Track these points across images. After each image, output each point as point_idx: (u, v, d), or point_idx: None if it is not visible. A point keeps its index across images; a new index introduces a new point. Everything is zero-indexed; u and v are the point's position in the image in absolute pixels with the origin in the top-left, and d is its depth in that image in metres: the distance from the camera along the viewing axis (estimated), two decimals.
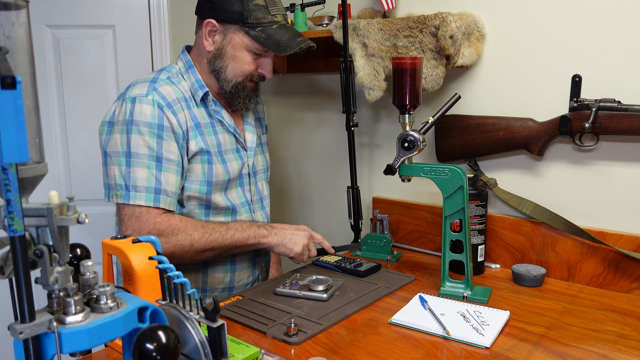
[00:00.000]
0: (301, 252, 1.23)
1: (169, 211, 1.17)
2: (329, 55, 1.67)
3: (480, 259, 1.29)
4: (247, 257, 1.33)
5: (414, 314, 1.02)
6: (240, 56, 1.21)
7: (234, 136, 1.30)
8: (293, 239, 1.22)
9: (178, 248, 1.13)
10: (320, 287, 1.12)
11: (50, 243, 0.55)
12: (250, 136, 1.35)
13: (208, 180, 1.22)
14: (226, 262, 1.28)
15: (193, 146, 1.20)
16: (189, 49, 1.30)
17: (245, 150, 1.33)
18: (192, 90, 1.24)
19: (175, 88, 1.21)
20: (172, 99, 1.18)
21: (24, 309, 0.50)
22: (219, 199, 1.25)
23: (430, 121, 1.21)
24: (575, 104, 1.19)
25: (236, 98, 1.26)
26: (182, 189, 1.21)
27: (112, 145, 1.14)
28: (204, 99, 1.25)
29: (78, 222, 0.54)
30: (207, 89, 1.24)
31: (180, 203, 1.22)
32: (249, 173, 1.34)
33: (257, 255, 1.36)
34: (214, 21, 1.19)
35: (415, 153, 1.14)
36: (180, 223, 1.15)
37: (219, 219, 1.27)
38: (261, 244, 1.21)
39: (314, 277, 1.18)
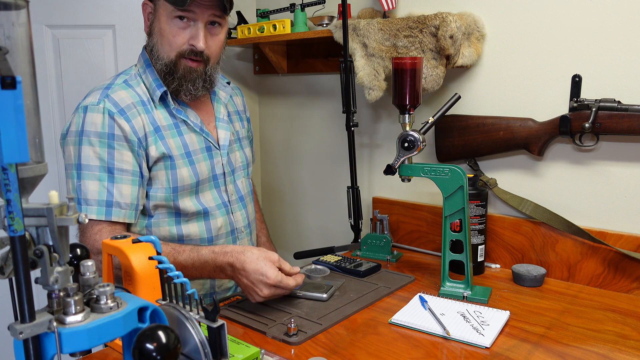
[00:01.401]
0: (261, 301, 1.05)
1: (126, 224, 1.13)
2: (329, 55, 1.68)
3: (480, 259, 1.29)
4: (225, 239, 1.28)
5: (414, 314, 1.02)
6: (166, 27, 1.13)
7: (202, 136, 1.23)
8: (250, 290, 1.04)
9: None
10: (319, 278, 1.12)
11: (50, 243, 0.55)
12: (223, 133, 1.28)
13: (173, 186, 1.16)
14: (202, 241, 1.24)
15: (154, 152, 1.14)
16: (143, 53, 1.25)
17: (218, 149, 1.26)
18: (150, 92, 1.18)
19: (132, 92, 1.15)
20: (126, 104, 1.13)
21: (24, 309, 0.50)
22: (188, 204, 1.19)
23: (430, 121, 1.20)
24: (575, 104, 1.19)
25: (172, 79, 1.16)
26: (147, 197, 1.16)
27: (66, 158, 1.12)
28: (163, 99, 1.18)
29: (78, 222, 0.54)
30: (165, 88, 1.17)
31: (148, 212, 1.17)
32: (224, 172, 1.27)
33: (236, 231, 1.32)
34: (147, 1, 1.17)
35: (415, 153, 1.14)
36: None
37: (192, 225, 1.21)
38: (216, 277, 1.10)
39: (313, 267, 1.14)
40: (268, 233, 1.56)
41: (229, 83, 1.38)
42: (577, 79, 1.21)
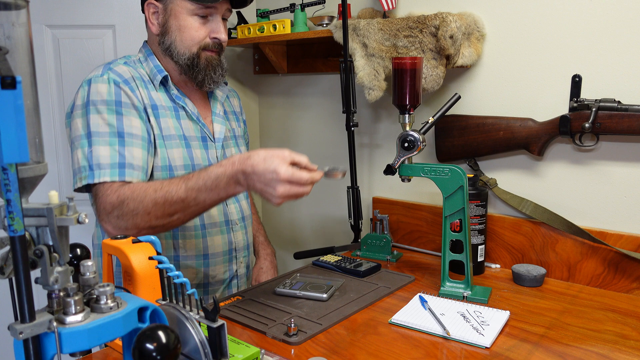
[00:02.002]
0: (281, 202, 0.96)
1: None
2: (329, 55, 1.67)
3: (480, 259, 1.29)
4: (222, 251, 1.28)
5: (414, 314, 1.02)
6: (185, 24, 1.19)
7: (198, 125, 1.26)
8: (265, 193, 0.96)
9: (139, 219, 1.02)
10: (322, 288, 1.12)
11: (50, 243, 0.55)
12: (218, 127, 1.30)
13: (163, 164, 1.17)
14: (199, 256, 1.25)
15: (153, 124, 1.17)
16: (144, 45, 1.30)
17: (213, 142, 1.28)
18: (151, 75, 1.21)
19: (132, 70, 1.19)
20: (128, 76, 1.16)
21: (24, 309, 0.50)
22: None
23: (430, 121, 1.20)
24: (575, 104, 1.19)
25: (196, 70, 1.21)
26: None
27: (74, 131, 1.12)
28: (164, 84, 1.22)
29: (78, 222, 0.54)
30: (166, 73, 1.22)
31: None
32: None
33: (235, 250, 1.32)
34: (153, 1, 1.20)
35: (415, 153, 1.14)
36: (128, 190, 1.03)
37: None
38: (237, 194, 1.03)
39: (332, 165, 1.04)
40: (265, 234, 1.56)
41: (226, 84, 1.39)
42: (577, 79, 1.21)
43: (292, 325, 0.93)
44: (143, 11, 1.26)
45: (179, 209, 1.02)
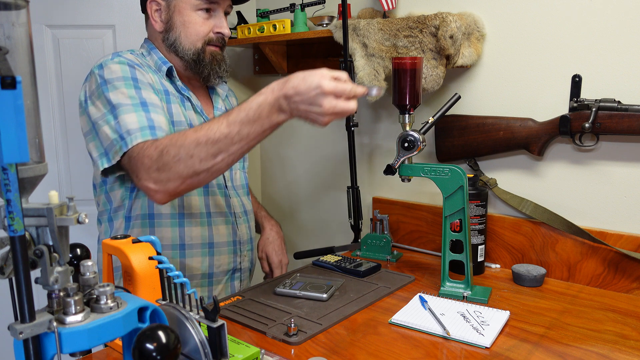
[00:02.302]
0: (328, 120, 0.91)
1: None
2: (329, 55, 1.67)
3: (480, 259, 1.29)
4: (226, 241, 1.29)
5: (414, 314, 1.02)
6: (190, 19, 1.21)
7: (202, 118, 1.28)
8: (311, 114, 0.91)
9: (181, 166, 0.96)
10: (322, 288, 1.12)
11: (50, 243, 0.55)
12: None
13: None
14: (204, 245, 1.25)
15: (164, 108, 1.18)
16: (146, 41, 1.31)
17: None
18: (156, 67, 1.24)
19: (139, 58, 1.21)
20: (137, 62, 1.18)
21: (24, 309, 0.50)
22: None
23: (430, 121, 1.20)
24: (575, 104, 1.19)
25: (202, 65, 1.24)
26: None
27: (95, 113, 1.10)
28: (169, 75, 1.24)
29: (78, 222, 0.54)
30: (171, 65, 1.24)
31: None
32: None
33: (239, 242, 1.33)
34: None
35: (415, 153, 1.14)
36: (166, 139, 1.00)
37: (193, 198, 1.22)
38: (281, 124, 0.97)
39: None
40: (266, 211, 1.57)
41: (225, 82, 1.40)
42: (577, 79, 1.21)
43: (292, 325, 0.93)
44: (143, 10, 1.27)
45: (222, 148, 0.95)
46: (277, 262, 1.46)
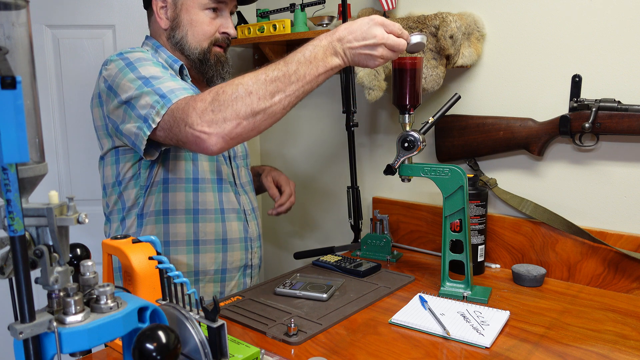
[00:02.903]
0: (382, 54, 0.97)
1: None
2: None
3: (480, 259, 1.29)
4: (239, 237, 1.30)
5: (414, 314, 1.02)
6: (197, 18, 1.20)
7: None
8: (365, 49, 0.96)
9: (239, 104, 0.95)
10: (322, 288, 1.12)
11: (50, 243, 0.55)
12: None
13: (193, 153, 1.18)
14: (217, 241, 1.26)
15: None
16: (148, 38, 1.29)
17: None
18: (169, 65, 1.22)
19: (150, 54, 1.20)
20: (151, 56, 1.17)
21: (24, 309, 0.50)
22: (206, 168, 1.22)
23: (430, 121, 1.20)
24: (575, 104, 1.19)
25: (207, 66, 1.23)
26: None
27: (126, 90, 1.05)
28: (180, 73, 1.23)
29: (78, 222, 0.54)
30: (182, 63, 1.23)
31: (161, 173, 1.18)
32: (229, 156, 1.31)
33: (250, 239, 1.33)
34: None
35: (415, 153, 1.14)
36: (219, 84, 0.99)
37: (208, 194, 1.23)
38: (335, 68, 0.99)
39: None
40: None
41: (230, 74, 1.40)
42: (577, 79, 1.21)
43: (292, 325, 0.93)
44: (146, 6, 1.26)
45: (280, 86, 0.97)
46: (289, 190, 1.44)
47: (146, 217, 1.21)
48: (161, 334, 0.56)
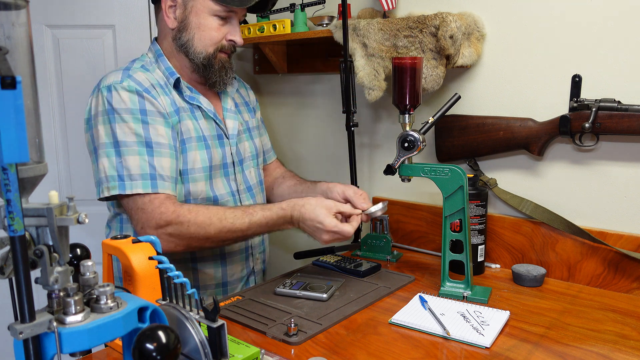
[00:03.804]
0: (329, 241, 1.12)
1: (172, 196, 1.13)
2: (329, 55, 1.67)
3: (480, 259, 1.29)
4: (239, 250, 1.30)
5: (414, 314, 1.02)
6: (206, 23, 1.19)
7: (215, 122, 1.27)
8: (314, 236, 1.12)
9: (194, 242, 1.11)
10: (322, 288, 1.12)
11: (50, 243, 0.55)
12: (231, 123, 1.32)
13: (183, 168, 1.18)
14: (216, 256, 1.26)
15: (177, 129, 1.18)
16: (157, 40, 1.29)
17: (227, 138, 1.30)
18: (166, 77, 1.22)
19: (150, 75, 1.19)
20: (147, 84, 1.16)
21: (24, 309, 0.50)
22: (200, 188, 1.21)
23: (430, 121, 1.20)
24: (575, 104, 1.19)
25: (211, 72, 1.23)
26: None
27: (97, 139, 1.11)
28: (177, 86, 1.22)
29: (78, 222, 0.54)
30: (179, 75, 1.22)
31: None
32: (233, 162, 1.30)
33: (251, 247, 1.33)
34: None
35: (415, 153, 1.14)
36: (190, 214, 1.09)
37: None
38: (285, 228, 1.16)
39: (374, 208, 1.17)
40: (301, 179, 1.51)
41: (234, 77, 1.40)
42: (577, 79, 1.21)
43: (292, 325, 0.93)
44: (154, 2, 1.25)
45: (234, 237, 1.13)
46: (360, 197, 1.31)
47: None
48: (161, 334, 0.56)
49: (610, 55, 1.17)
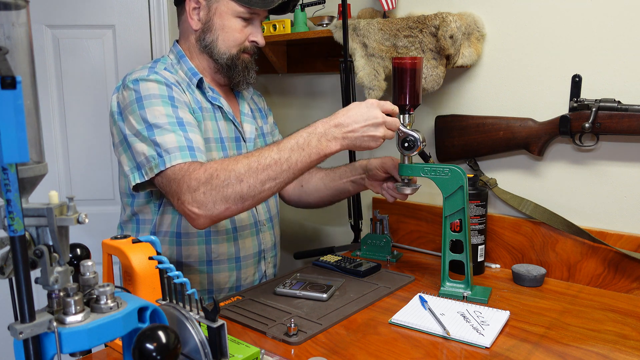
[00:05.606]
0: (381, 141, 1.03)
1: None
2: (329, 55, 1.67)
3: (480, 259, 1.29)
4: (252, 253, 1.30)
5: (414, 314, 1.02)
6: (229, 24, 1.21)
7: (233, 124, 1.28)
8: (366, 132, 1.01)
9: (229, 190, 0.99)
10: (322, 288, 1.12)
11: (50, 243, 0.55)
12: (248, 127, 1.33)
13: None
14: (230, 260, 1.26)
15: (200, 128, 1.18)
16: (178, 41, 1.30)
17: (244, 142, 1.31)
18: (188, 78, 1.23)
19: (174, 75, 1.20)
20: (173, 81, 1.17)
21: (24, 309, 0.50)
22: None
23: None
24: (575, 104, 1.19)
25: (235, 72, 1.25)
26: None
27: (130, 128, 1.10)
28: (200, 86, 1.24)
29: (78, 222, 0.54)
30: (201, 76, 1.23)
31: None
32: None
33: (264, 250, 1.33)
34: None
35: (415, 153, 1.14)
36: (216, 163, 1.02)
37: None
38: (329, 155, 1.03)
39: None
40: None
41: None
42: (577, 79, 1.21)
43: (292, 325, 0.93)
44: (177, 3, 1.26)
45: (271, 174, 0.99)
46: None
47: (161, 237, 1.21)
48: (161, 334, 0.56)
49: (610, 55, 1.17)
